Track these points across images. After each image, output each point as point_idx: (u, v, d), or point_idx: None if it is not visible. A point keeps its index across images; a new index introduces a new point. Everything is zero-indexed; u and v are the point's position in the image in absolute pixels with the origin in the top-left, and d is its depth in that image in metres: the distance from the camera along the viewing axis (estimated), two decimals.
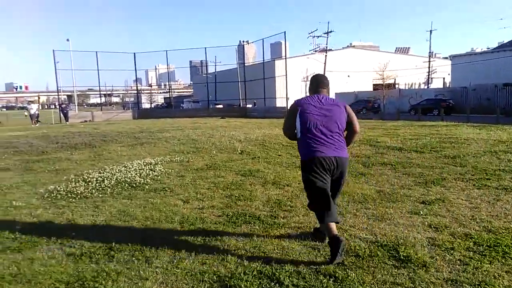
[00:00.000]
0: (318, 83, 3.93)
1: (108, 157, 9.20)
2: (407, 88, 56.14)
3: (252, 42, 43.92)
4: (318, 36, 54.67)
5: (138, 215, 4.65)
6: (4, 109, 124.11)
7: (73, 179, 6.72)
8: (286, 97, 29.22)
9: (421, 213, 4.41)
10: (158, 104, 76.57)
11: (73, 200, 5.39)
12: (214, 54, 48.09)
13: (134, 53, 34.64)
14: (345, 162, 3.57)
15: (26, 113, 30.28)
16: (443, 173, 6.42)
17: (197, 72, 78.09)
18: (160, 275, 3.08)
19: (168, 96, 51.80)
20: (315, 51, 55.34)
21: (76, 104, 73.78)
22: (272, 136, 12.50)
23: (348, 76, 60.49)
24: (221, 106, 38.50)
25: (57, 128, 21.30)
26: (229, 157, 8.71)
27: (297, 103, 3.75)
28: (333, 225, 3.36)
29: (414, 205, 4.75)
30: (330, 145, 3.49)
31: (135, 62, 34.62)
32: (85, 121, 31.58)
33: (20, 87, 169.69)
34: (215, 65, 45.67)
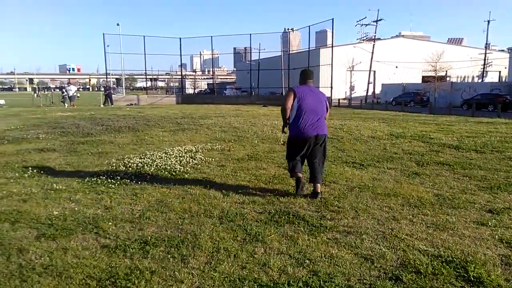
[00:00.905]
0: (307, 76, 5.13)
1: (149, 142, 9.15)
2: (459, 81, 53.20)
3: (297, 30, 42.96)
4: (367, 25, 52.63)
5: (176, 207, 4.44)
6: (57, 90, 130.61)
7: (114, 164, 6.66)
8: (331, 87, 28.37)
9: (489, 224, 3.88)
10: (201, 90, 77.43)
11: (113, 186, 5.28)
12: (259, 41, 47.65)
13: (180, 38, 34.90)
14: (323, 136, 5.02)
15: (61, 97, 29.87)
16: (509, 178, 5.75)
17: (240, 59, 78.03)
18: (196, 278, 2.83)
19: (212, 82, 52.03)
20: (363, 39, 53.49)
21: (124, 88, 76.27)
22: None
23: (396, 67, 58.15)
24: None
25: (104, 110, 21.85)
26: (271, 148, 8.39)
27: (295, 90, 4.95)
28: (299, 175, 4.95)
29: (480, 213, 4.22)
30: (314, 125, 4.90)
31: (180, 47, 34.92)
32: (131, 104, 32.35)
33: (73, 69, 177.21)
34: (259, 52, 45.20)
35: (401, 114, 20.22)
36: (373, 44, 49.94)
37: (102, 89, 36.32)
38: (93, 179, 5.59)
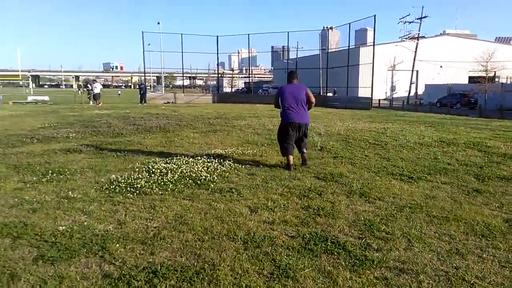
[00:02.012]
0: (291, 76, 6.82)
1: (178, 144, 8.71)
2: (509, 81, 49.86)
3: (336, 28, 41.76)
4: (410, 22, 50.28)
5: (196, 225, 3.88)
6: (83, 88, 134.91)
7: (138, 169, 6.23)
8: (372, 87, 27.11)
9: None
10: (238, 89, 77.40)
11: (131, 195, 4.81)
12: (296, 39, 46.65)
13: (217, 36, 34.71)
14: (305, 124, 6.53)
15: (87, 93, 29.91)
16: None
17: (278, 57, 77.36)
18: None
19: (248, 81, 51.71)
20: (406, 38, 51.26)
21: (163, 86, 77.67)
22: (357, 131, 11.19)
23: (441, 66, 55.40)
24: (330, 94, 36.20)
25: (139, 108, 21.89)
26: (307, 154, 7.68)
27: (280, 89, 6.74)
28: (290, 157, 6.37)
29: None
30: (296, 114, 6.41)
31: (217, 45, 34.70)
32: (168, 102, 32.53)
33: (116, 67, 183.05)
34: (297, 51, 44.31)
35: (448, 117, 18.86)
36: (417, 43, 47.68)
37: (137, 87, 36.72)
38: (111, 187, 5.15)
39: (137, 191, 4.98)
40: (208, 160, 6.87)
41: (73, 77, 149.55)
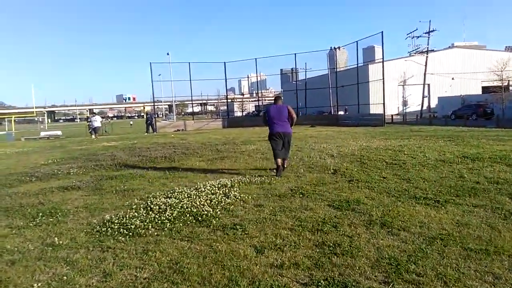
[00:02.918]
0: (276, 100, 8.49)
1: (182, 175, 8.22)
2: None
3: (344, 47, 41.51)
4: (418, 37, 49.95)
5: (193, 273, 3.33)
6: (115, 119, 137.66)
7: (135, 205, 5.73)
8: (383, 103, 26.50)
9: None
10: (249, 112, 77.48)
11: (123, 238, 4.30)
12: (304, 61, 46.68)
13: (225, 62, 34.73)
14: (288, 134, 8.05)
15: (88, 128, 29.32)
16: None
17: (287, 80, 77.63)
18: None
19: (258, 104, 51.59)
20: (415, 52, 50.82)
21: (175, 114, 78.34)
22: (371, 150, 10.57)
23: (452, 78, 54.59)
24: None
25: (148, 138, 21.64)
26: (319, 179, 7.13)
27: (267, 109, 8.42)
28: (278, 161, 7.81)
29: None
30: (280, 126, 7.98)
31: (225, 71, 34.68)
32: (178, 130, 32.39)
33: (129, 98, 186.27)
34: (305, 72, 44.17)
35: (465, 130, 18.08)
36: (426, 57, 47.15)
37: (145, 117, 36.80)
38: (104, 229, 4.66)
39: (131, 233, 4.47)
40: (212, 191, 6.35)
41: (87, 110, 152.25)
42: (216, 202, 5.64)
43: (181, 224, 4.72)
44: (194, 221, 4.84)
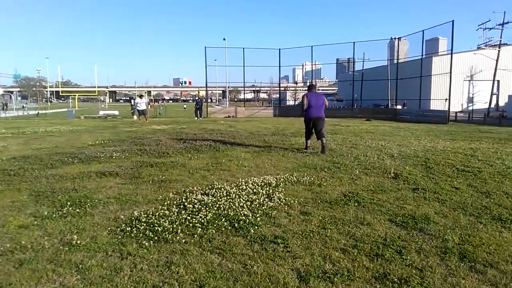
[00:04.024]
0: (311, 87, 10.16)
1: (225, 168, 7.63)
2: None
3: (405, 37, 38.80)
4: (490, 28, 45.85)
5: None
6: (171, 101, 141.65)
7: (169, 201, 5.20)
8: (449, 99, 24.41)
9: None
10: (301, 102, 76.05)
11: (147, 244, 3.73)
12: (363, 50, 44.48)
13: (279, 49, 33.79)
14: (322, 118, 9.67)
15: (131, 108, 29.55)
16: None
17: (343, 70, 75.12)
18: None
19: None
20: (486, 45, 46.71)
21: (228, 99, 78.83)
22: (438, 152, 9.37)
23: None
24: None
25: (197, 123, 21.44)
26: (377, 184, 6.22)
27: (307, 95, 9.80)
28: (308, 141, 9.89)
29: None
30: (317, 111, 9.58)
31: (279, 58, 33.77)
32: (228, 116, 32.17)
33: (185, 82, 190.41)
34: (363, 62, 42.19)
35: None
36: (498, 50, 43.17)
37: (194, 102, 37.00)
38: (129, 228, 4.14)
39: (156, 237, 3.90)
40: (254, 190, 5.68)
41: (145, 92, 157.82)
42: (257, 205, 4.96)
43: (214, 231, 4.08)
44: (229, 227, 4.19)
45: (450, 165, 7.66)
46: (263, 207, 4.89)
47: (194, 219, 4.38)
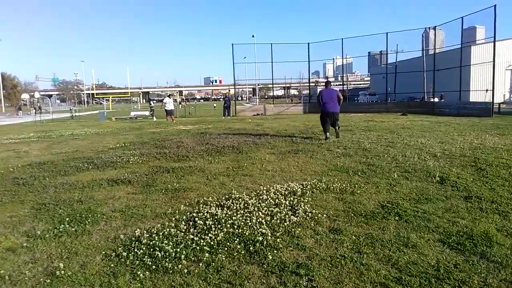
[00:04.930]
0: (327, 84, 11.48)
1: (247, 172, 6.94)
2: None
3: (440, 27, 36.55)
4: None
5: None
6: (202, 100, 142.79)
7: (178, 216, 4.56)
8: (493, 90, 22.66)
9: None
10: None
11: (142, 275, 3.09)
12: (396, 42, 42.44)
13: (308, 43, 32.69)
14: (336, 112, 11.01)
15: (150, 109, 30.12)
16: None
17: (375, 63, 72.91)
18: None
19: (343, 88, 48.74)
20: None
21: (258, 97, 78.25)
22: (488, 151, 8.29)
23: None
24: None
25: (224, 123, 20.90)
26: (421, 190, 5.34)
27: (320, 91, 11.34)
28: (327, 133, 10.84)
29: None
30: (331, 106, 10.87)
31: (308, 53, 32.65)
32: (257, 114, 31.48)
33: (215, 81, 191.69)
34: (396, 53, 40.27)
35: None
36: None
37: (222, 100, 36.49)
38: (126, 252, 3.53)
39: (155, 265, 3.26)
40: (277, 201, 4.96)
41: (177, 92, 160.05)
42: (278, 221, 4.23)
43: (224, 256, 3.40)
44: (243, 251, 3.50)
45: (505, 166, 6.63)
46: (285, 223, 4.16)
47: (202, 241, 3.71)
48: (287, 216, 4.37)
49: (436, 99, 32.64)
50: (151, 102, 34.22)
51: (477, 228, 3.84)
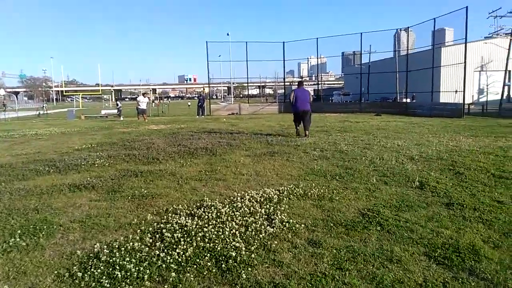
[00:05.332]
0: (300, 84, 12.37)
1: (220, 176, 6.59)
2: None
3: (410, 28, 37.12)
4: (502, 16, 44.20)
5: None
6: (176, 99, 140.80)
7: (144, 227, 4.17)
8: (464, 91, 23.13)
9: None
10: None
11: None
12: (369, 42, 42.92)
13: (283, 42, 32.54)
14: (308, 111, 11.74)
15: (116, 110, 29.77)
16: None
17: (348, 63, 73.81)
18: None
19: (317, 88, 48.90)
20: (497, 34, 45.05)
21: (233, 96, 77.79)
22: (464, 153, 8.24)
23: None
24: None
25: (198, 122, 20.42)
26: (401, 196, 5.15)
27: (294, 90, 12.05)
28: (299, 128, 11.88)
29: None
30: (303, 105, 11.60)
31: (283, 52, 32.51)
32: (232, 113, 31.11)
33: (190, 79, 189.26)
34: (369, 54, 40.71)
35: None
36: (510, 39, 41.58)
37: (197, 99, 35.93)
38: (80, 274, 3.12)
39: (114, 287, 2.89)
40: (252, 209, 4.64)
41: (150, 90, 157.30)
42: (254, 232, 3.91)
43: (192, 276, 3.05)
44: (214, 269, 3.16)
45: (483, 169, 6.55)
46: (261, 235, 3.85)
47: (169, 257, 3.35)
48: (262, 226, 4.06)
49: (408, 100, 33.19)
50: (118, 102, 33.52)
51: (462, 240, 3.65)
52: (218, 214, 4.48)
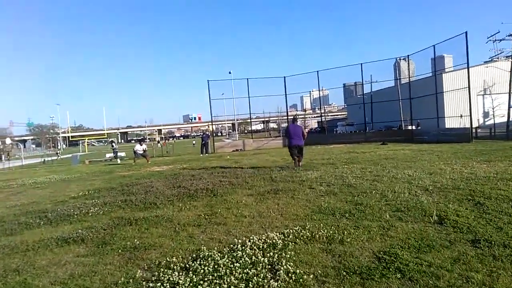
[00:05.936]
0: (294, 120, 13.04)
1: (221, 220, 6.11)
2: None
3: (409, 56, 37.36)
4: (500, 40, 44.53)
5: None
6: (181, 138, 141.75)
7: (132, 287, 3.69)
8: (470, 115, 22.76)
9: None
10: (311, 129, 75.01)
11: None
12: (369, 72, 43.12)
13: (284, 77, 32.73)
14: (301, 145, 12.53)
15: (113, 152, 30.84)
16: None
17: (350, 94, 74.35)
18: None
19: (321, 119, 48.82)
20: (497, 57, 45.21)
21: (237, 132, 77.96)
22: (481, 181, 7.71)
23: None
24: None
25: (200, 161, 20.04)
26: (419, 234, 4.62)
27: (288, 126, 13.46)
28: (295, 158, 12.53)
29: None
30: (296, 140, 12.40)
31: (285, 86, 32.62)
32: (236, 150, 30.83)
33: (194, 118, 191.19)
34: (371, 84, 40.81)
35: None
36: (511, 61, 41.62)
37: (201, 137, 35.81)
38: None
39: None
40: (254, 259, 4.14)
41: (155, 131, 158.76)
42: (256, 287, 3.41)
43: None
44: None
45: (505, 198, 6.02)
46: None
47: None
48: (265, 280, 3.56)
49: (414, 127, 32.82)
50: (113, 144, 33.78)
51: (497, 285, 3.12)
52: (216, 266, 3.99)
